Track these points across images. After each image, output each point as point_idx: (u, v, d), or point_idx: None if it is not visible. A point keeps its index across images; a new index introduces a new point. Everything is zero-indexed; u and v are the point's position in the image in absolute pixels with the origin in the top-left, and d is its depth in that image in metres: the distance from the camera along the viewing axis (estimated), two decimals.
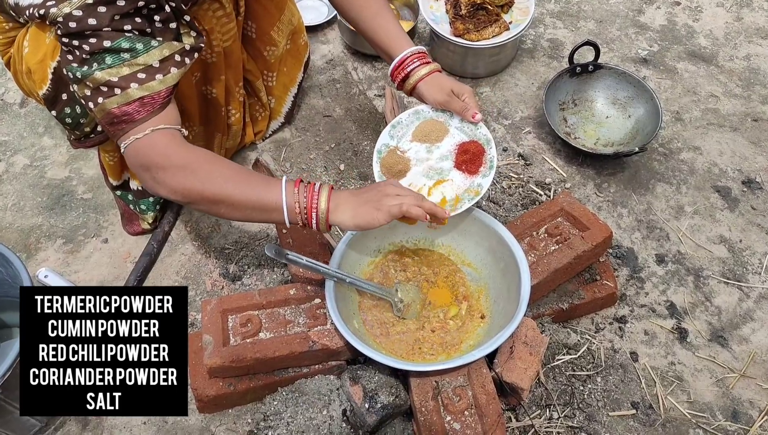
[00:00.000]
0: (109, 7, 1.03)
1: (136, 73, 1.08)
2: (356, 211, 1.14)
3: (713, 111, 1.80)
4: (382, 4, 1.37)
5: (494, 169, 1.26)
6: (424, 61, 1.31)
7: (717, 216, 1.61)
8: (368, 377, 1.25)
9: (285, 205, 1.12)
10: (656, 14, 2.04)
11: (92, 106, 1.10)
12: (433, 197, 1.27)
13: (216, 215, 1.19)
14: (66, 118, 1.28)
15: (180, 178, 1.11)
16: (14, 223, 1.63)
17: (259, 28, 1.54)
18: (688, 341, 1.41)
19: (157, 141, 1.11)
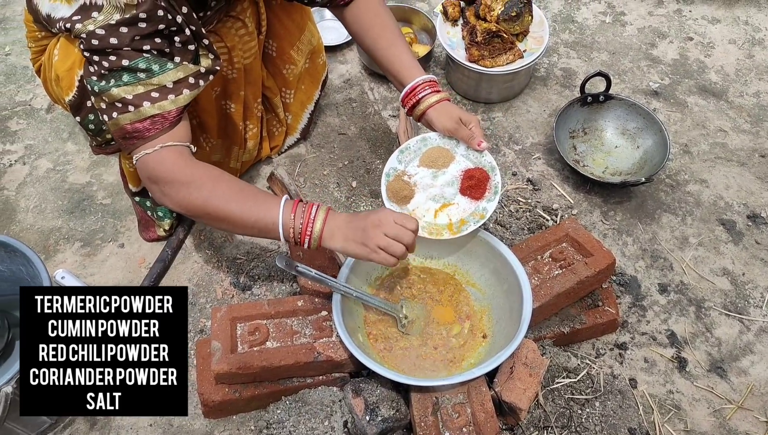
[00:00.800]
0: (130, 28, 1.08)
1: (150, 93, 1.13)
2: (346, 242, 1.18)
3: (721, 145, 1.83)
4: (397, 33, 1.42)
5: (498, 195, 1.31)
6: (435, 90, 1.35)
7: (721, 249, 1.63)
8: (370, 390, 1.28)
9: (281, 226, 1.17)
10: (669, 48, 2.08)
11: (106, 118, 1.16)
12: (439, 219, 1.32)
13: (218, 229, 1.24)
14: (89, 124, 1.34)
15: (184, 193, 1.16)
16: (35, 225, 1.68)
17: (279, 47, 1.60)
18: (687, 371, 1.43)
19: (165, 157, 1.16)
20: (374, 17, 1.42)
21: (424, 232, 1.29)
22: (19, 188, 1.75)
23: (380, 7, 1.43)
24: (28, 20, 1.37)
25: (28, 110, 1.93)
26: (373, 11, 1.42)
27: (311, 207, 1.18)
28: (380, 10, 1.43)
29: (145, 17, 1.08)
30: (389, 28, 1.42)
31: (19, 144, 1.85)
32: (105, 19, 1.07)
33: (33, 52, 1.43)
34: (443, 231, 1.30)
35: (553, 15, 2.19)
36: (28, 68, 2.04)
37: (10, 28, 2.17)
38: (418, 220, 1.27)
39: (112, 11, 1.07)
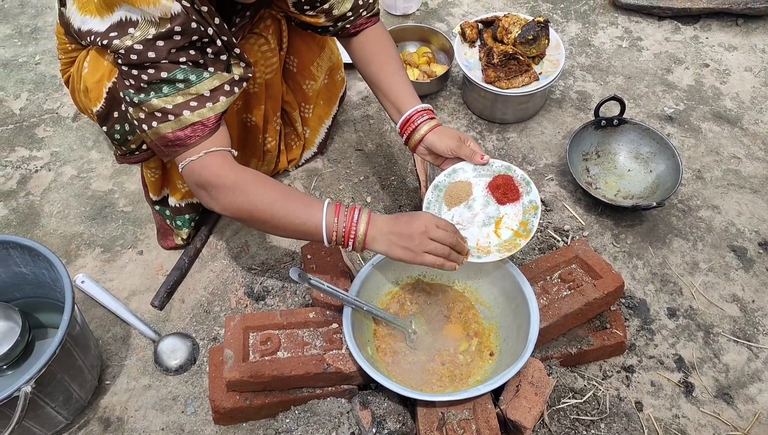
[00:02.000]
0: (166, 42, 1.13)
1: (189, 102, 1.17)
2: (391, 246, 1.22)
3: (734, 172, 1.84)
4: (400, 66, 1.46)
5: (531, 182, 1.34)
6: (431, 117, 1.39)
7: (731, 275, 1.64)
8: (378, 403, 1.30)
9: (324, 231, 1.21)
10: (684, 74, 2.10)
11: (146, 128, 1.20)
12: (504, 236, 1.33)
13: (263, 231, 1.28)
14: (115, 134, 1.38)
15: (231, 197, 1.21)
16: (58, 230, 1.73)
17: (300, 63, 1.64)
18: (693, 396, 1.44)
19: (210, 162, 1.21)
20: (380, 48, 1.47)
21: (503, 251, 1.30)
22: (43, 194, 1.81)
23: (385, 39, 1.49)
24: (59, 32, 1.42)
25: (55, 118, 1.99)
26: (379, 42, 1.47)
27: (353, 210, 1.23)
28: (385, 42, 1.48)
29: (179, 30, 1.12)
30: (392, 58, 1.46)
31: (45, 151, 1.91)
32: (142, 35, 1.11)
33: (63, 63, 1.48)
34: (516, 241, 1.31)
35: (570, 38, 2.22)
36: (56, 77, 2.10)
37: (41, 38, 2.24)
38: (488, 249, 1.31)
39: (147, 26, 1.11)
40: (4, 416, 1.17)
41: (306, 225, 1.22)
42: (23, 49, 2.20)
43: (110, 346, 1.52)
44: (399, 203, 1.77)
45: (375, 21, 1.48)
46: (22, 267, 1.41)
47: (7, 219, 1.75)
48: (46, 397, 1.25)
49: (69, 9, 1.23)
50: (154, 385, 1.46)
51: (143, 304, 1.58)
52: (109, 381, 1.47)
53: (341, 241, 1.23)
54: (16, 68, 2.14)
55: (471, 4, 2.35)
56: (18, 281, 1.45)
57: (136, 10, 1.10)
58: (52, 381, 1.24)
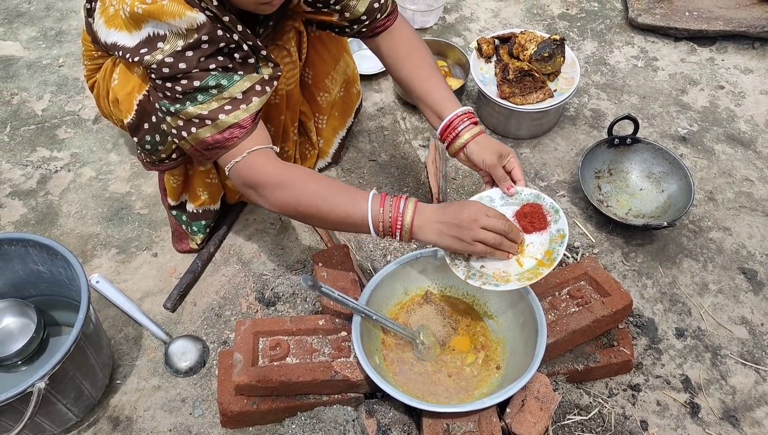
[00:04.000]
0: (195, 51, 1.16)
1: (224, 106, 1.20)
2: (440, 235, 1.22)
3: (747, 194, 1.85)
4: (433, 67, 1.45)
5: (561, 211, 1.30)
6: (473, 121, 1.37)
7: (741, 297, 1.64)
8: (383, 412, 1.31)
9: (371, 221, 1.22)
10: (699, 95, 2.11)
11: (185, 135, 1.23)
12: (526, 265, 1.27)
13: (313, 225, 1.28)
14: (146, 144, 1.41)
15: (277, 193, 1.24)
16: (75, 230, 1.76)
17: (314, 75, 1.67)
18: (699, 417, 1.44)
19: (254, 161, 1.24)
20: (412, 50, 1.46)
21: (523, 280, 1.24)
22: (62, 194, 1.84)
23: (416, 41, 1.47)
24: (86, 40, 1.45)
25: (76, 120, 2.03)
26: (410, 45, 1.46)
27: (399, 200, 1.23)
28: (417, 44, 1.47)
29: (206, 39, 1.15)
30: (426, 61, 1.45)
31: (65, 151, 1.95)
32: (171, 48, 1.14)
33: (88, 69, 1.51)
34: (539, 270, 1.25)
35: (586, 57, 2.23)
36: (78, 80, 2.14)
37: (65, 41, 2.28)
38: (508, 277, 1.26)
39: (175, 39, 1.14)
40: (17, 411, 1.20)
41: (352, 217, 1.23)
42: (47, 51, 2.25)
43: (122, 346, 1.54)
44: None
45: (393, 19, 1.46)
46: (40, 265, 1.44)
47: (26, 217, 1.79)
48: (59, 393, 1.27)
49: (96, 22, 1.26)
50: (164, 386, 1.48)
51: (156, 306, 1.61)
52: (119, 380, 1.49)
53: (388, 231, 1.23)
54: (40, 70, 2.18)
55: (488, 20, 2.38)
56: (35, 279, 1.47)
57: (163, 24, 1.13)
58: (64, 378, 1.27)
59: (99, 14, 1.24)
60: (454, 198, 1.82)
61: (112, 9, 1.19)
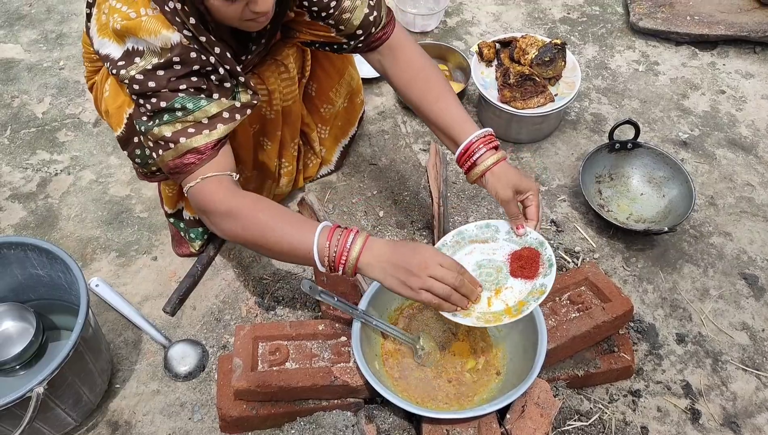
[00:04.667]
0: (166, 71, 1.14)
1: (187, 129, 1.18)
2: (385, 275, 1.17)
3: (748, 200, 1.84)
4: (445, 86, 1.37)
5: (554, 267, 1.23)
6: (491, 147, 1.29)
7: (741, 303, 1.63)
8: (383, 418, 1.31)
9: (316, 254, 1.17)
10: (700, 100, 2.11)
11: (155, 156, 1.23)
12: (494, 307, 1.24)
13: (263, 255, 1.25)
14: (136, 158, 1.41)
15: (225, 222, 1.21)
16: (74, 233, 1.76)
17: (318, 88, 1.66)
18: (700, 423, 1.43)
19: (205, 188, 1.21)
20: (417, 70, 1.39)
21: (480, 322, 1.21)
22: (62, 197, 1.84)
23: (420, 58, 1.40)
24: (85, 42, 1.45)
25: (77, 123, 2.03)
26: (415, 63, 1.39)
27: (348, 233, 1.17)
28: (422, 61, 1.40)
29: (178, 60, 1.13)
30: (434, 79, 1.37)
31: (65, 154, 1.95)
32: (144, 65, 1.13)
33: (88, 70, 1.50)
34: (502, 317, 1.21)
35: (587, 61, 2.23)
36: (79, 83, 2.14)
37: (65, 43, 2.28)
38: (470, 312, 1.22)
39: (150, 56, 1.13)
40: (15, 416, 1.19)
41: (298, 249, 1.18)
42: (48, 54, 2.25)
43: (121, 350, 1.54)
44: (411, 218, 1.79)
45: (390, 31, 1.39)
46: (39, 269, 1.44)
47: (26, 220, 1.79)
48: (57, 398, 1.27)
49: (92, 28, 1.25)
50: (163, 391, 1.48)
51: (155, 310, 1.60)
52: (118, 385, 1.49)
53: (332, 265, 1.17)
54: (41, 72, 2.18)
55: (489, 23, 2.38)
56: (33, 283, 1.47)
57: (141, 40, 1.12)
58: (63, 383, 1.26)
59: (95, 20, 1.24)
60: (455, 202, 1.81)
61: (104, 17, 1.19)
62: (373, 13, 1.36)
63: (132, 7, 1.12)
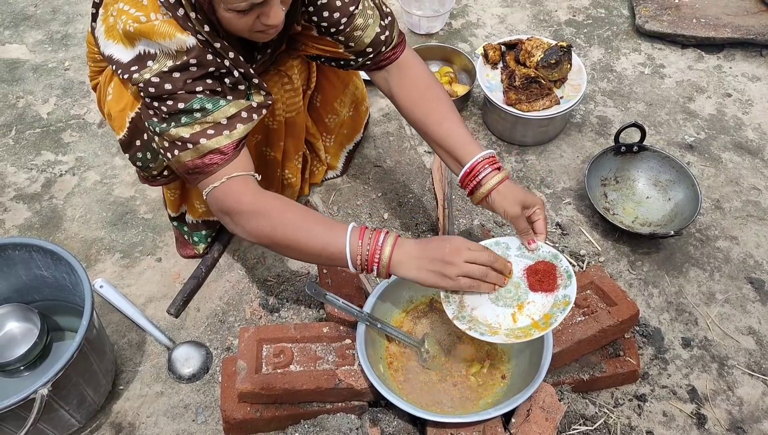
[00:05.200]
0: (183, 73, 1.14)
1: (206, 130, 1.17)
2: (420, 270, 1.17)
3: (754, 203, 1.83)
4: (451, 107, 1.37)
5: (573, 278, 1.23)
6: (495, 167, 1.30)
7: (748, 307, 1.62)
8: (387, 421, 1.31)
9: (349, 255, 1.17)
10: (706, 103, 2.10)
11: (170, 156, 1.21)
12: (520, 323, 1.22)
13: (288, 256, 1.24)
14: (137, 161, 1.40)
15: (253, 223, 1.20)
16: (79, 234, 1.76)
17: (323, 98, 1.66)
18: (706, 428, 1.42)
19: (232, 188, 1.20)
20: (424, 89, 1.38)
21: (510, 338, 1.20)
22: (67, 198, 1.84)
23: (427, 78, 1.40)
24: (90, 42, 1.45)
25: (81, 124, 2.03)
26: (422, 83, 1.39)
27: (379, 234, 1.18)
28: (428, 81, 1.39)
29: (195, 63, 1.13)
30: (440, 100, 1.37)
31: (70, 155, 1.95)
32: (159, 67, 1.13)
33: (92, 70, 1.50)
34: (531, 331, 1.20)
35: (592, 63, 2.22)
36: (84, 83, 2.15)
37: (71, 44, 2.29)
38: (497, 330, 1.21)
39: (164, 59, 1.13)
40: (19, 417, 1.19)
41: (329, 249, 1.18)
42: (53, 54, 2.25)
43: (125, 352, 1.54)
44: (416, 220, 1.78)
45: (400, 52, 1.39)
46: (43, 270, 1.44)
47: (30, 221, 1.79)
48: (61, 400, 1.27)
49: (98, 29, 1.25)
50: (167, 393, 1.48)
51: (159, 311, 1.60)
52: (122, 386, 1.48)
53: (365, 265, 1.17)
54: (46, 73, 2.19)
55: (495, 26, 2.37)
56: (38, 284, 1.47)
57: (154, 43, 1.12)
58: (67, 384, 1.26)
59: (101, 21, 1.23)
60: (460, 205, 1.81)
61: (111, 19, 1.18)
62: (385, 32, 1.36)
63: (141, 11, 1.12)
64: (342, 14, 1.30)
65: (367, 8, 1.33)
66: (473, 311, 1.24)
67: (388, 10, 1.38)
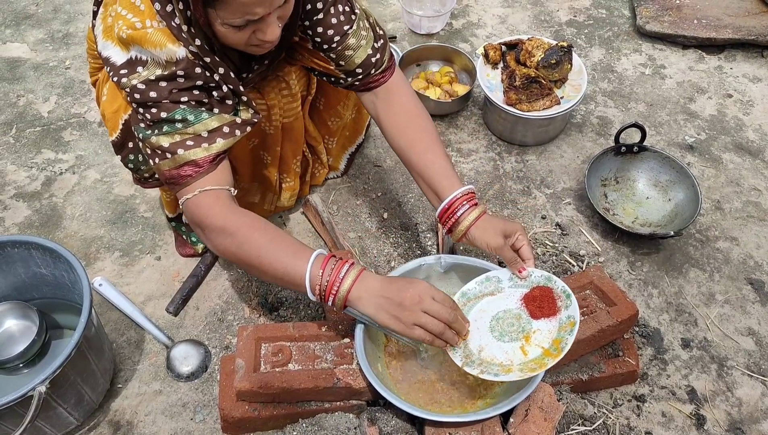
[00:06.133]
0: (169, 83, 1.14)
1: (185, 141, 1.17)
2: (378, 310, 1.16)
3: (754, 204, 1.83)
4: (436, 138, 1.37)
5: (573, 296, 1.21)
6: (472, 204, 1.30)
7: (748, 308, 1.62)
8: (385, 420, 1.30)
9: (308, 283, 1.16)
10: (707, 104, 2.10)
11: (152, 163, 1.22)
12: (531, 355, 1.21)
13: (253, 275, 1.23)
14: (129, 163, 1.40)
15: (220, 238, 1.20)
16: (78, 232, 1.76)
17: (326, 102, 1.66)
18: (705, 428, 1.42)
19: (202, 202, 1.20)
20: (411, 118, 1.39)
21: (526, 372, 1.17)
22: (66, 196, 1.84)
23: (416, 107, 1.40)
24: (90, 38, 1.45)
25: (82, 122, 2.03)
26: (409, 111, 1.39)
27: (342, 264, 1.16)
28: (416, 111, 1.40)
29: (182, 74, 1.13)
30: (425, 130, 1.37)
31: (70, 154, 1.95)
32: (147, 75, 1.13)
33: (92, 66, 1.51)
34: (544, 360, 1.18)
35: (593, 64, 2.22)
36: (85, 82, 2.15)
37: (72, 43, 2.29)
38: (510, 367, 1.19)
39: (154, 67, 1.13)
40: (17, 415, 1.19)
41: (290, 274, 1.17)
42: (54, 53, 2.25)
43: (124, 350, 1.54)
44: (415, 220, 1.78)
45: (389, 75, 1.40)
46: (42, 268, 1.44)
47: (30, 219, 1.79)
48: (59, 398, 1.27)
49: (97, 28, 1.25)
50: (165, 391, 1.48)
51: (158, 310, 1.60)
52: (120, 384, 1.48)
53: (323, 296, 1.16)
54: (47, 72, 2.19)
55: (495, 26, 2.37)
56: (37, 282, 1.47)
57: (146, 51, 1.12)
58: (65, 382, 1.26)
59: (100, 20, 1.23)
60: None
61: (110, 20, 1.18)
62: (376, 55, 1.36)
63: (138, 17, 1.12)
64: (336, 32, 1.30)
65: (361, 29, 1.33)
66: (481, 353, 1.23)
67: (381, 33, 1.39)
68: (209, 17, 1.10)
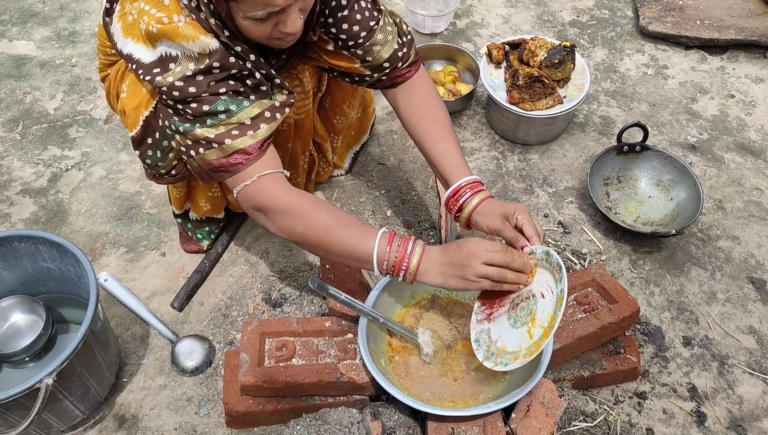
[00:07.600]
0: (206, 76, 1.14)
1: (231, 131, 1.19)
2: (445, 277, 1.20)
3: (756, 204, 1.84)
4: (449, 128, 1.40)
5: (563, 269, 1.19)
6: (476, 190, 1.32)
7: (749, 307, 1.63)
8: (388, 415, 1.32)
9: (375, 259, 1.20)
10: (709, 104, 2.10)
11: (193, 154, 1.22)
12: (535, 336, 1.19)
13: (316, 254, 1.30)
14: (147, 159, 1.40)
15: (286, 220, 1.21)
16: (84, 228, 1.77)
17: (332, 101, 1.68)
18: (705, 426, 1.43)
19: (264, 186, 1.21)
20: (427, 109, 1.42)
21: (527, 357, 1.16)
22: (73, 192, 1.85)
23: (433, 99, 1.43)
24: (101, 35, 1.45)
25: (88, 120, 2.05)
26: (427, 102, 1.42)
27: (407, 241, 1.20)
28: (433, 102, 1.43)
29: (218, 65, 1.14)
30: (440, 121, 1.40)
31: (76, 151, 1.96)
32: (182, 71, 1.13)
33: (101, 63, 1.51)
34: (542, 342, 1.17)
35: (596, 63, 2.23)
36: (91, 80, 2.16)
37: (78, 41, 2.30)
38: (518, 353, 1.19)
39: (187, 61, 1.13)
40: (24, 407, 1.21)
41: (359, 252, 1.21)
42: (60, 51, 2.27)
43: (129, 345, 1.55)
44: (418, 218, 1.79)
45: (415, 70, 1.42)
46: (49, 262, 1.45)
47: (36, 215, 1.80)
48: (66, 390, 1.28)
49: (114, 25, 1.25)
50: (170, 385, 1.49)
51: (163, 305, 1.62)
52: (126, 378, 1.50)
53: (392, 271, 1.21)
54: (53, 69, 2.20)
55: (499, 25, 2.38)
56: (44, 276, 1.49)
57: (176, 45, 1.12)
58: (72, 375, 1.28)
59: (117, 18, 1.24)
60: None
61: (131, 17, 1.18)
62: (403, 49, 1.38)
63: (163, 11, 1.13)
64: (362, 28, 1.32)
65: (386, 24, 1.35)
66: (497, 344, 1.24)
67: (408, 30, 1.41)
68: (231, 11, 1.11)
